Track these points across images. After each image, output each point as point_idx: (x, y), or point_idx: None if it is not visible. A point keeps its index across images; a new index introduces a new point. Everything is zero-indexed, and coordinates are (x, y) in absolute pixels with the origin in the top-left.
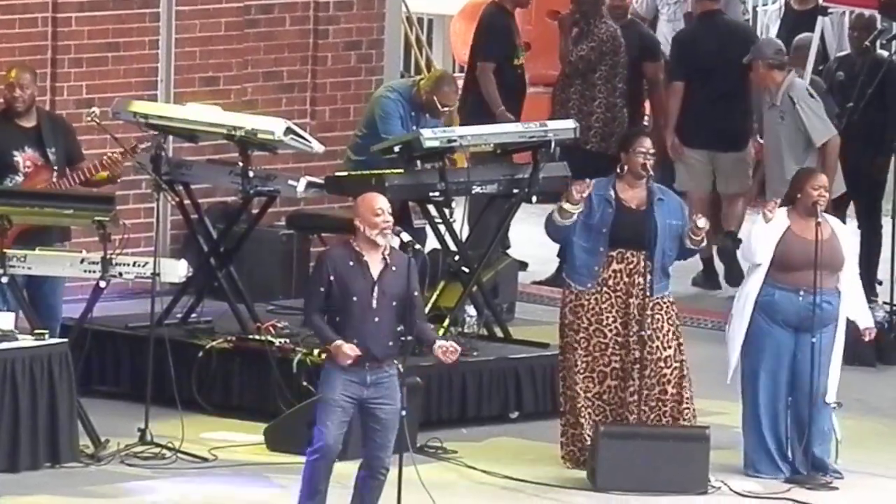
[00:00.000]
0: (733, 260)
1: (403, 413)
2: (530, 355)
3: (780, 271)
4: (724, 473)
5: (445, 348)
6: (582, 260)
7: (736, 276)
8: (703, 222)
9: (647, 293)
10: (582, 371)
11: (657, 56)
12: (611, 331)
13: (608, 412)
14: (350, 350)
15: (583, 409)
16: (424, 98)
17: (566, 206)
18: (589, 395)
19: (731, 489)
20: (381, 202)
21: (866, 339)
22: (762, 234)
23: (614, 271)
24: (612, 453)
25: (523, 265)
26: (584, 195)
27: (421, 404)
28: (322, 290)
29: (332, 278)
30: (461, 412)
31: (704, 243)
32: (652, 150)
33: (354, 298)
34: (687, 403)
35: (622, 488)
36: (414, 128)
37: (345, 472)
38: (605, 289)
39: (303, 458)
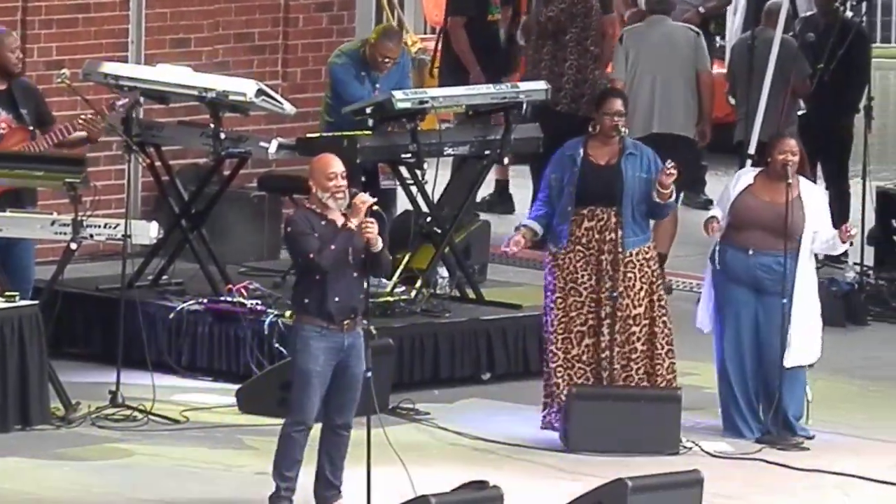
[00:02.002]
0: None
1: (369, 375)
2: (502, 317)
3: (732, 229)
4: (695, 434)
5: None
6: (553, 221)
7: None
8: (668, 178)
9: (620, 248)
10: (560, 332)
11: (610, 8)
12: (585, 289)
13: (588, 373)
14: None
15: (561, 370)
16: (368, 53)
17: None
18: (568, 356)
19: (702, 450)
20: (335, 165)
21: (846, 235)
22: (728, 193)
23: (586, 229)
24: (584, 414)
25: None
26: (518, 249)
27: (393, 366)
28: (316, 235)
29: (316, 234)
30: (433, 374)
31: (673, 198)
32: (622, 111)
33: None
34: (660, 360)
35: (594, 449)
36: (367, 87)
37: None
38: (578, 247)
39: (273, 420)
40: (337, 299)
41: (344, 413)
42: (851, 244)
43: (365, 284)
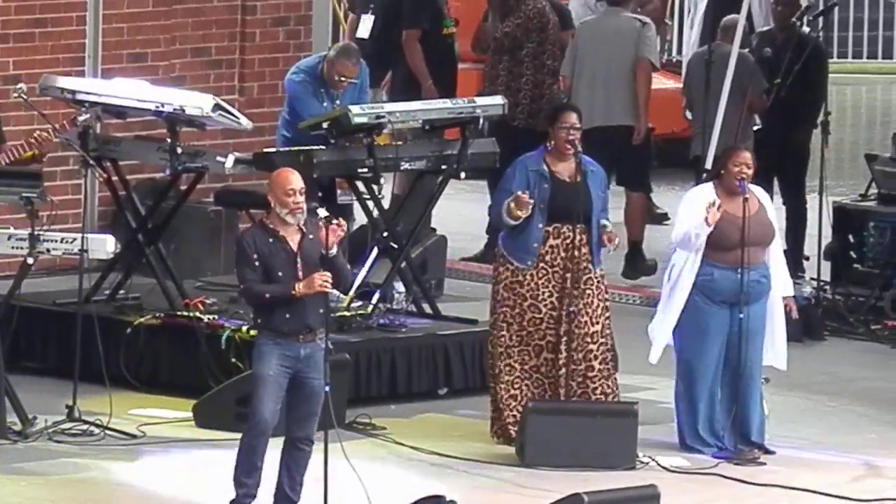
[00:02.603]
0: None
1: (327, 389)
2: (459, 332)
3: (716, 251)
4: (652, 449)
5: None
6: (522, 238)
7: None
8: (612, 240)
9: (584, 266)
10: (517, 345)
11: (568, 24)
12: (546, 306)
13: (546, 385)
14: (320, 276)
15: (518, 381)
16: (325, 70)
17: (518, 213)
18: (525, 367)
19: (659, 465)
20: (294, 182)
21: (787, 310)
22: (703, 229)
23: (551, 247)
24: (541, 429)
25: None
26: (529, 209)
27: (350, 380)
28: (257, 264)
29: (254, 256)
30: (390, 388)
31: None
32: (577, 125)
33: (280, 273)
34: (615, 378)
35: (551, 464)
36: (325, 104)
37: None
38: (542, 264)
39: (230, 435)
40: (288, 316)
41: (304, 426)
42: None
43: (323, 298)
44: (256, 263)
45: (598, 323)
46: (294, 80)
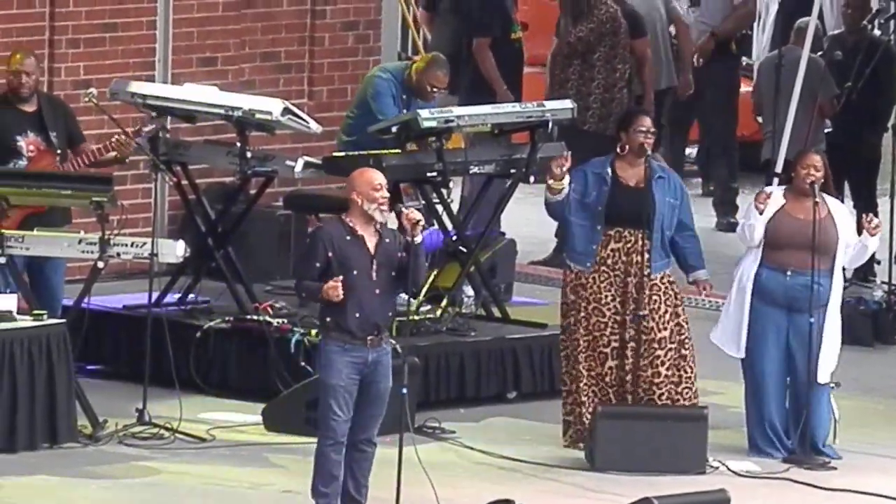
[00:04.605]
0: None
1: (405, 391)
2: (528, 335)
3: (769, 250)
4: (722, 453)
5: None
6: (579, 240)
7: None
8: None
9: (646, 272)
10: (584, 350)
11: (643, 32)
12: (609, 310)
13: (611, 394)
14: (333, 283)
15: (585, 388)
16: (415, 80)
17: (551, 183)
18: (592, 374)
19: (729, 469)
20: (379, 177)
21: (870, 226)
22: (755, 217)
23: (612, 250)
24: (611, 433)
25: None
26: (565, 168)
27: (419, 384)
28: (317, 265)
29: (329, 254)
30: (459, 392)
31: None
32: (652, 129)
33: (355, 272)
34: (687, 384)
35: (620, 468)
36: (405, 110)
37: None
38: (603, 268)
39: (300, 438)
40: (357, 315)
41: (367, 428)
42: (880, 232)
43: (392, 302)
44: (317, 265)
45: (665, 328)
46: (382, 77)
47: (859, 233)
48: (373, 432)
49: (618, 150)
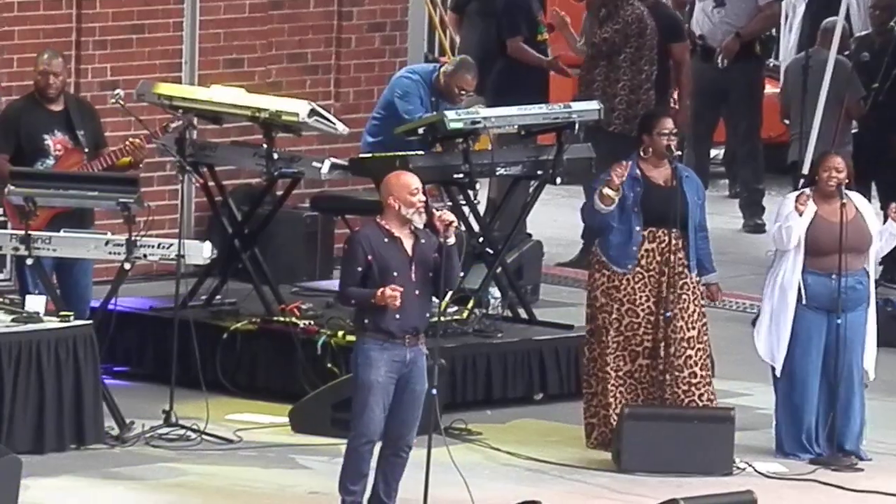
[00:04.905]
0: None
1: (434, 392)
2: (555, 337)
3: (812, 256)
4: (748, 454)
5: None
6: (619, 243)
7: None
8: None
9: (679, 271)
10: (613, 351)
11: (682, 36)
12: (643, 310)
13: (639, 391)
14: (391, 290)
15: (613, 389)
16: (443, 83)
17: (607, 191)
18: (620, 373)
19: (756, 470)
20: (416, 181)
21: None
22: (793, 219)
23: (647, 251)
24: (637, 434)
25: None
26: (624, 179)
27: (446, 386)
28: (359, 269)
29: (369, 257)
30: (486, 394)
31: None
32: (674, 131)
33: (395, 274)
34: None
35: (647, 469)
36: (432, 112)
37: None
38: (637, 269)
39: (327, 440)
40: (397, 317)
41: (404, 432)
42: None
43: (429, 302)
44: (359, 269)
45: (694, 328)
46: (409, 79)
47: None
48: (411, 437)
49: (640, 152)
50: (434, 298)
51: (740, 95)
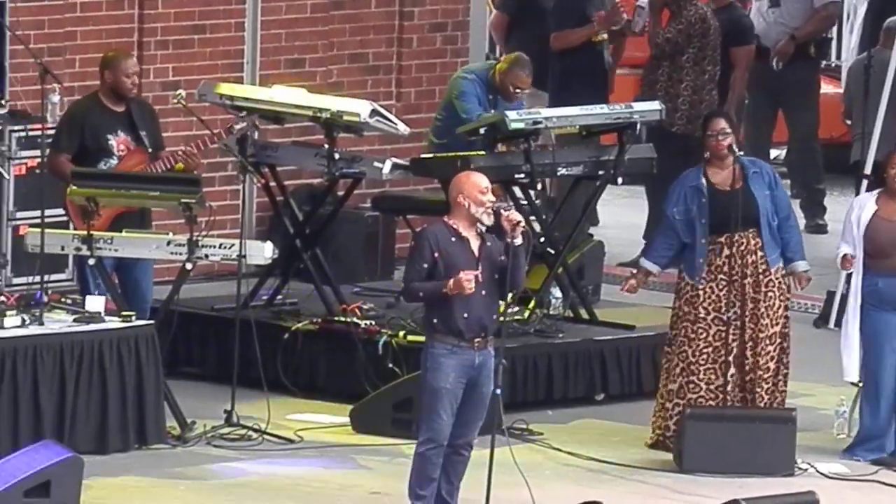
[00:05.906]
0: None
1: (499, 392)
2: (616, 337)
3: (874, 258)
4: (810, 455)
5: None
6: (689, 257)
7: None
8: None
9: (763, 268)
10: (703, 363)
11: (745, 40)
12: (730, 317)
13: (730, 400)
14: (465, 275)
15: (702, 400)
16: (499, 81)
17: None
18: (712, 387)
19: (818, 471)
20: (485, 181)
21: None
22: (851, 225)
23: (727, 257)
24: (699, 435)
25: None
26: (636, 291)
27: (507, 386)
28: (425, 266)
29: (436, 255)
30: (547, 394)
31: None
32: (726, 130)
33: (462, 274)
34: (781, 377)
35: (708, 470)
36: (491, 111)
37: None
38: (720, 276)
39: (388, 440)
40: (466, 315)
41: (467, 432)
42: None
43: (495, 304)
44: (425, 265)
45: (777, 324)
46: (466, 78)
47: None
48: (473, 436)
49: (705, 155)
50: (500, 301)
51: (795, 97)
